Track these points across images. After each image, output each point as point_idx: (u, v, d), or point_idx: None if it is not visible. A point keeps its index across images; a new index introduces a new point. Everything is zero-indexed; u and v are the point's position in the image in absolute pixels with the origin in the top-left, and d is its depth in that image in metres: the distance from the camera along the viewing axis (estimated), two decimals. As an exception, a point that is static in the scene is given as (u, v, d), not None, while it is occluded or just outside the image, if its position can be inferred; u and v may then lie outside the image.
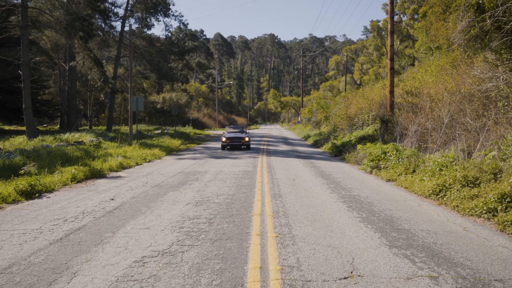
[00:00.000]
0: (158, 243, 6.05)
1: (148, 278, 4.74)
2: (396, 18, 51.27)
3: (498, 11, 9.86)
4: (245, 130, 28.55)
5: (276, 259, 5.42)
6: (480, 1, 10.36)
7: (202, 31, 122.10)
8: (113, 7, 35.82)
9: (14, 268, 5.00)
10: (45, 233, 6.54)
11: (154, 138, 28.86)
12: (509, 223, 7.08)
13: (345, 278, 4.81)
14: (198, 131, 49.18)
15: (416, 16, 46.28)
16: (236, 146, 25.20)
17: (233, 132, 27.41)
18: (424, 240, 6.41)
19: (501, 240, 6.50)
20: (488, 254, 5.81)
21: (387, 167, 14.34)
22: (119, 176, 13.51)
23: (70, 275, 4.80)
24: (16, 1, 27.84)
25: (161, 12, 40.35)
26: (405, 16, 51.07)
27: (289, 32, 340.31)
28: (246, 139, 25.24)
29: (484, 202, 8.06)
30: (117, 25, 78.53)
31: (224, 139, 25.17)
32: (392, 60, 20.18)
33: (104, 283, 4.58)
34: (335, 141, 24.35)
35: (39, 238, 6.24)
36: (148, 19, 40.00)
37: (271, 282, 4.65)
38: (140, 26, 40.91)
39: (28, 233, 6.53)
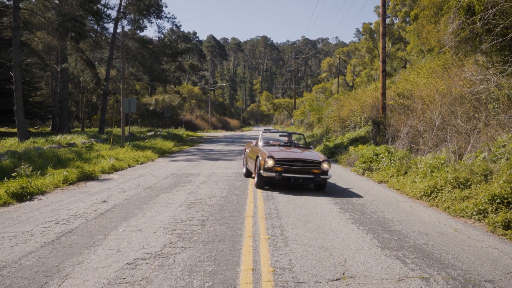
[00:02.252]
0: (150, 245, 6.03)
1: (140, 280, 4.73)
2: (388, 20, 51.54)
3: (488, 14, 9.95)
4: (305, 142, 14.50)
5: (268, 260, 5.43)
6: (471, 4, 10.45)
7: (195, 33, 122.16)
8: (105, 9, 35.65)
9: (5, 271, 4.96)
10: (37, 235, 6.50)
11: (146, 140, 28.76)
12: (499, 224, 7.14)
13: (337, 279, 4.83)
14: (191, 133, 49.08)
15: (408, 19, 46.55)
16: (298, 181, 10.99)
17: (285, 148, 12.42)
18: (415, 242, 6.45)
19: (491, 241, 6.56)
20: (478, 255, 5.86)
21: (379, 168, 14.41)
22: (111, 178, 13.46)
23: (62, 277, 4.78)
24: (7, 2, 27.69)
25: (154, 14, 40.28)
26: (397, 19, 51.35)
27: (282, 34, 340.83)
28: (325, 165, 11.04)
29: (475, 204, 8.13)
30: (110, 26, 78.23)
31: (270, 162, 10.81)
32: (384, 62, 20.28)
33: (96, 285, 4.56)
34: (327, 143, 24.43)
35: (30, 241, 6.20)
36: (140, 21, 39.91)
37: (264, 284, 4.66)
38: (133, 27, 40.82)
39: (19, 235, 6.49)
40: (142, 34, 49.47)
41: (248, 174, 13.68)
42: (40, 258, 5.43)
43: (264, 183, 11.27)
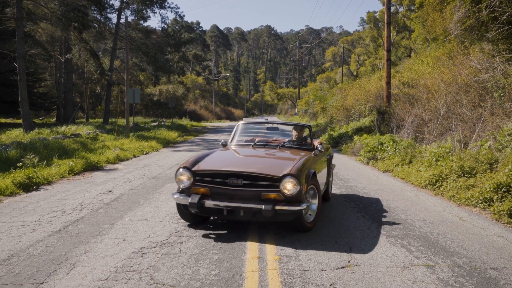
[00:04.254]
0: (156, 234, 6.07)
1: (147, 268, 4.77)
2: (392, 9, 51.12)
3: (494, 2, 9.85)
4: (311, 139, 8.11)
5: (274, 249, 5.46)
6: (477, -8, 10.36)
7: (198, 23, 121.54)
8: (108, -1, 35.58)
9: (14, 260, 5.01)
10: (44, 225, 6.56)
11: (151, 131, 28.81)
12: (504, 212, 7.14)
13: (342, 267, 4.85)
14: (195, 123, 49.13)
15: (412, 7, 46.12)
16: (236, 214, 5.94)
17: (253, 151, 7.48)
18: (420, 230, 6.46)
19: (496, 230, 6.56)
20: (484, 243, 5.87)
21: (384, 158, 14.39)
22: (117, 168, 13.51)
23: (69, 266, 4.82)
24: (10, -7, 27.59)
25: (157, 4, 40.06)
26: (402, 7, 50.92)
27: (285, 23, 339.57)
28: (289, 185, 5.76)
29: (480, 192, 8.12)
30: (113, 17, 77.98)
31: (183, 177, 6.23)
32: (388, 51, 20.17)
33: (103, 273, 4.60)
34: (332, 132, 24.40)
35: (37, 230, 6.26)
36: (144, 11, 39.72)
37: (269, 272, 4.69)
38: (136, 18, 40.66)
39: (27, 225, 6.55)
40: (145, 24, 49.39)
41: None
42: (48, 247, 5.48)
43: (190, 217, 6.58)
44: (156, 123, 38.88)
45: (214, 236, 6.02)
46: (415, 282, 4.43)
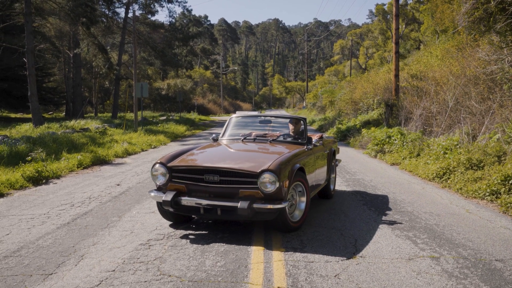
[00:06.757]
0: (163, 227, 6.14)
1: (154, 260, 4.83)
2: (401, 1, 50.68)
3: (503, -7, 9.77)
4: (305, 132, 7.26)
5: (279, 241, 5.50)
6: (485, -17, 10.26)
7: (206, 17, 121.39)
8: (116, -6, 35.61)
9: (23, 251, 5.10)
10: (53, 217, 6.65)
11: (159, 125, 28.92)
12: (511, 205, 7.11)
13: (347, 259, 4.88)
14: (203, 117, 49.24)
15: (421, -1, 45.71)
16: (214, 213, 5.62)
17: (242, 145, 7.10)
18: (426, 222, 6.46)
19: (503, 222, 6.54)
20: (490, 235, 5.86)
21: (391, 151, 14.35)
22: (125, 162, 13.60)
23: (78, 257, 4.90)
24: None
25: (165, -2, 40.12)
26: (411, -1, 50.48)
27: (293, 16, 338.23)
28: (266, 180, 5.38)
29: (488, 185, 8.09)
30: (121, 11, 78.21)
31: (157, 173, 5.93)
32: (397, 43, 20.03)
33: (111, 265, 4.67)
34: (340, 125, 24.33)
35: (46, 223, 6.35)
36: (151, 5, 39.78)
37: (274, 263, 4.73)
38: (144, 12, 40.74)
39: (36, 217, 6.64)
40: (153, 18, 49.45)
41: None
42: (57, 239, 5.56)
43: (170, 216, 6.20)
44: (164, 117, 39.01)
45: (220, 228, 6.08)
46: (420, 274, 4.45)
